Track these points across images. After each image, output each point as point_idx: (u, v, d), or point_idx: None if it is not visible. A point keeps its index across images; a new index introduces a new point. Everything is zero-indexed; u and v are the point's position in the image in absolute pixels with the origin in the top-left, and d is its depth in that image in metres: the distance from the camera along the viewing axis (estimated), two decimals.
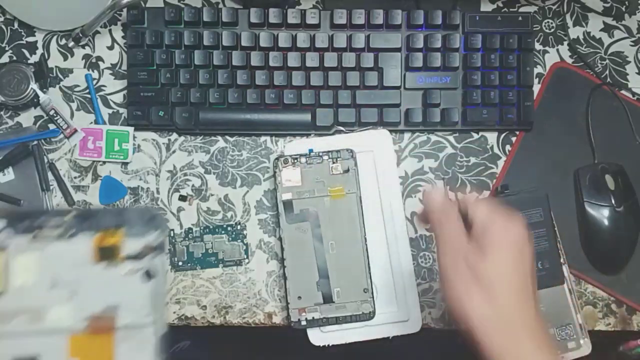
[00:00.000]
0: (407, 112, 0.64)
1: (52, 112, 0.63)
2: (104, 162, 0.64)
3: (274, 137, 0.65)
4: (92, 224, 0.26)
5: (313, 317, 0.58)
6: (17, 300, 0.25)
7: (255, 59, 0.63)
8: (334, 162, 0.60)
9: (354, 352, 0.60)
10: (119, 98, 0.65)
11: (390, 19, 0.64)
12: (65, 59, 0.65)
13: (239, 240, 0.63)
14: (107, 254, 0.26)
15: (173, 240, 0.62)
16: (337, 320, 0.59)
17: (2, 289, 0.25)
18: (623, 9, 0.69)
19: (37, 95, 0.63)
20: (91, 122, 0.64)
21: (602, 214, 0.63)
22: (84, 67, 0.65)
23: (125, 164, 0.64)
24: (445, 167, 0.65)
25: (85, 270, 0.26)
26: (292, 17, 0.63)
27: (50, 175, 0.63)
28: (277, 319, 0.62)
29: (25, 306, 0.25)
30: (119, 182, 0.63)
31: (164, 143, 0.64)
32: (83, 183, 0.63)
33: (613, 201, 0.63)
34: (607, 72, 0.68)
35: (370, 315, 0.59)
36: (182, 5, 0.65)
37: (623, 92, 0.68)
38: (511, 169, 0.65)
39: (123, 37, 0.65)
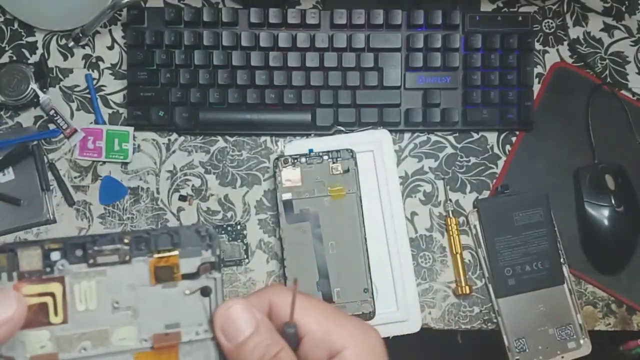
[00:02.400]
0: (407, 112, 0.64)
1: (52, 112, 0.63)
2: (104, 162, 0.64)
3: (274, 137, 0.65)
4: (147, 246, 0.27)
5: None
6: (80, 326, 0.26)
7: (255, 59, 0.63)
8: (334, 162, 0.60)
9: None
10: (119, 98, 0.65)
11: (390, 19, 0.64)
12: (65, 59, 0.65)
13: (239, 240, 0.63)
14: (164, 275, 0.27)
15: None
16: None
17: (64, 318, 0.26)
18: (623, 9, 0.69)
19: (37, 95, 0.63)
20: (91, 122, 0.64)
21: (602, 214, 0.63)
22: (84, 67, 0.65)
23: (125, 164, 0.64)
24: (445, 167, 0.65)
25: (144, 292, 0.27)
26: (292, 17, 0.63)
27: (50, 175, 0.63)
28: None
29: (89, 331, 0.26)
30: (119, 182, 0.63)
31: (164, 143, 0.64)
32: (83, 183, 0.63)
33: (613, 201, 0.63)
34: (607, 72, 0.68)
35: (370, 315, 0.59)
36: (182, 5, 0.65)
37: (623, 92, 0.68)
38: (511, 169, 0.65)
39: (123, 37, 0.65)
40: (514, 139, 0.66)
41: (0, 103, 0.62)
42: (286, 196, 0.60)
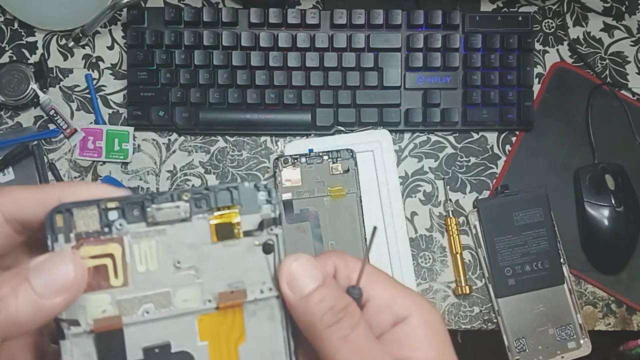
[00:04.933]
0: (407, 112, 0.64)
1: (52, 112, 0.63)
2: (104, 162, 0.64)
3: (274, 137, 0.65)
4: (207, 203, 0.26)
5: None
6: (142, 288, 0.25)
7: (255, 59, 0.63)
8: (334, 162, 0.60)
9: None
10: (119, 98, 0.65)
11: (390, 19, 0.64)
12: (65, 59, 0.65)
13: None
14: (224, 232, 0.26)
15: None
16: None
17: (124, 280, 0.25)
18: (623, 9, 0.69)
19: (37, 95, 0.63)
20: (91, 122, 0.64)
21: (602, 214, 0.63)
22: (84, 67, 0.65)
23: (125, 164, 0.64)
24: (445, 167, 0.65)
25: (205, 250, 0.26)
26: (292, 17, 0.63)
27: (50, 175, 0.63)
28: None
29: (151, 293, 0.25)
30: (119, 182, 0.63)
31: (164, 143, 0.64)
32: None
33: (613, 201, 0.63)
34: (607, 72, 0.68)
35: None
36: (182, 5, 0.65)
37: (623, 92, 0.68)
38: (511, 169, 0.65)
39: (123, 37, 0.65)
40: (514, 139, 0.66)
41: (0, 103, 0.62)
42: (286, 196, 0.60)
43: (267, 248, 0.26)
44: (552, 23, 0.69)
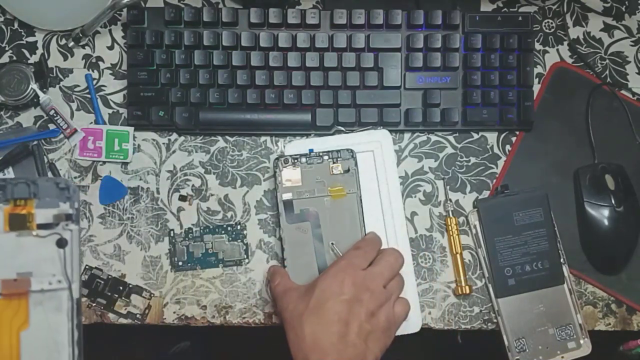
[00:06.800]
0: (407, 112, 0.64)
1: (52, 112, 0.63)
2: (104, 162, 0.64)
3: (274, 137, 0.65)
4: (3, 194, 0.26)
5: None
6: None
7: (255, 59, 0.63)
8: (334, 162, 0.60)
9: None
10: (119, 98, 0.65)
11: (390, 19, 0.64)
12: (65, 59, 0.65)
13: (239, 240, 0.63)
14: (18, 222, 0.27)
15: (173, 240, 0.62)
16: None
17: None
18: (623, 9, 0.69)
19: (37, 95, 0.63)
20: (91, 122, 0.64)
21: (602, 214, 0.63)
22: (84, 67, 0.65)
23: (125, 164, 0.64)
24: (445, 167, 0.65)
25: None
26: (292, 17, 0.63)
27: (50, 175, 0.63)
28: (277, 319, 0.62)
29: None
30: (119, 182, 0.63)
31: (164, 143, 0.64)
32: (83, 183, 0.63)
33: (613, 201, 0.63)
34: (607, 72, 0.68)
35: None
36: (182, 5, 0.65)
37: (623, 92, 0.68)
38: (511, 169, 0.65)
39: (123, 37, 0.65)
40: (514, 139, 0.66)
41: (0, 103, 0.62)
42: (286, 196, 0.60)
43: (61, 242, 0.27)
44: (552, 23, 0.69)
